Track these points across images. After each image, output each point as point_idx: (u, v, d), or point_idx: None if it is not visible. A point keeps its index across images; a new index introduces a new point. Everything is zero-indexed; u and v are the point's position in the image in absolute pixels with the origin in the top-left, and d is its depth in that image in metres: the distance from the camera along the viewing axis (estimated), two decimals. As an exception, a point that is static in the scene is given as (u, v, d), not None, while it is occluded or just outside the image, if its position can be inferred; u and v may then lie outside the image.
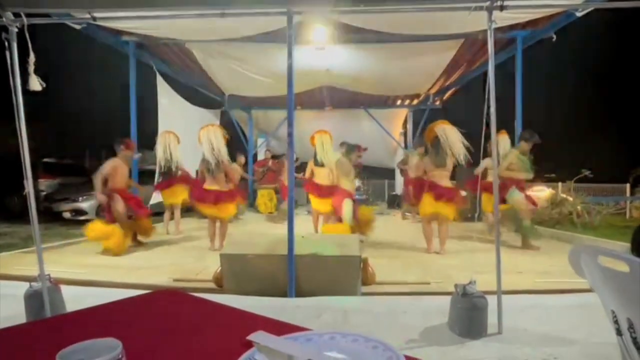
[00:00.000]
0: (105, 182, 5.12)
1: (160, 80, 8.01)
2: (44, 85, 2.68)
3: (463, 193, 7.57)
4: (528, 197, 5.39)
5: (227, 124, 10.38)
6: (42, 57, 2.72)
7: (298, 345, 0.72)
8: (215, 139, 5.20)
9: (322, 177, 5.84)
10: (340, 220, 5.34)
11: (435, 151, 5.04)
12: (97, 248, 5.02)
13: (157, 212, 7.03)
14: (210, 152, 5.14)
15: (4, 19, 2.50)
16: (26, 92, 2.62)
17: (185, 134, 7.06)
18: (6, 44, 2.53)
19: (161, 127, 7.55)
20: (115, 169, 5.18)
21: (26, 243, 5.85)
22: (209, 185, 5.25)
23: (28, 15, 2.56)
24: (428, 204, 5.04)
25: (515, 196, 5.20)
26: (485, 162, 5.35)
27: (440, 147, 4.98)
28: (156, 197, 7.73)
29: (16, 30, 2.55)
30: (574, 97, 22.86)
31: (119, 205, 5.08)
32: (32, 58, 2.61)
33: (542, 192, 8.82)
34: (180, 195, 6.65)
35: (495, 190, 2.86)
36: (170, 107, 8.32)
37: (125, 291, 3.19)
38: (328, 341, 0.74)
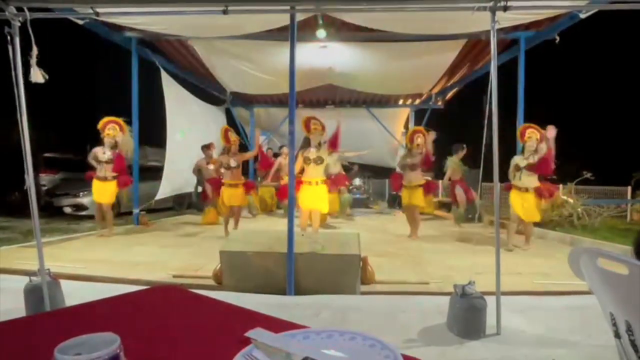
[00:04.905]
0: None
1: (164, 76, 7.97)
2: (47, 77, 2.68)
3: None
4: (467, 191, 7.31)
5: (229, 121, 10.37)
6: (44, 52, 2.72)
7: (296, 343, 0.72)
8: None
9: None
10: None
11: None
12: (96, 244, 5.01)
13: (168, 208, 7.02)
14: None
15: (6, 13, 2.49)
16: (28, 86, 2.62)
17: (193, 128, 6.99)
18: (8, 38, 2.53)
19: (169, 122, 7.55)
20: None
21: (26, 237, 5.85)
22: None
23: (31, 10, 2.56)
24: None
25: (457, 190, 7.27)
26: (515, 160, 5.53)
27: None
28: (162, 193, 7.74)
29: (19, 24, 2.55)
30: (576, 98, 22.80)
31: None
32: (34, 51, 2.60)
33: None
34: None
35: (496, 192, 2.85)
36: (177, 102, 8.27)
37: (125, 287, 3.20)
38: (326, 339, 0.74)
